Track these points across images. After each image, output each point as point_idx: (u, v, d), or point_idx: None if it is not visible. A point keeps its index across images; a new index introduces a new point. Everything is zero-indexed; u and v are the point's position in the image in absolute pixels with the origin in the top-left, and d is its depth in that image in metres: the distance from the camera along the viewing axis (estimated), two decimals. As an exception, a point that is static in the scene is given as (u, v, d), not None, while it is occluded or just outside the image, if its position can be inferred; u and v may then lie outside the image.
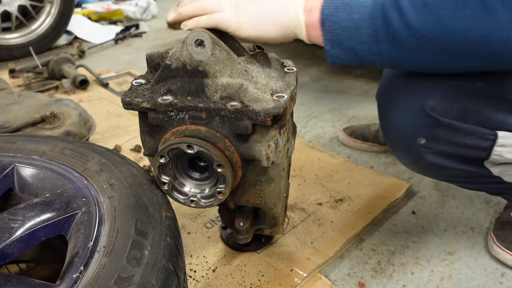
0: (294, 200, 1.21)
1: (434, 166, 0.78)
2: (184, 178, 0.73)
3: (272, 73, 0.73)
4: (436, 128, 0.73)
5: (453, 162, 0.77)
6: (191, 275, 0.96)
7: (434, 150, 0.75)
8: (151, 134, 0.73)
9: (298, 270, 0.96)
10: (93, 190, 0.68)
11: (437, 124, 0.72)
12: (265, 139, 0.68)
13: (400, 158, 0.87)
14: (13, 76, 2.09)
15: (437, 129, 0.73)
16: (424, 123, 0.73)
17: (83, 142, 0.81)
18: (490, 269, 1.00)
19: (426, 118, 0.73)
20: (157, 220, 0.62)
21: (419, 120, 0.74)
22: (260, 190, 0.78)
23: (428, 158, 0.77)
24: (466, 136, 0.72)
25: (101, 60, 2.61)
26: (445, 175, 0.84)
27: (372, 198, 1.22)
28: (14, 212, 0.62)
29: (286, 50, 2.44)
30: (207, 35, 0.64)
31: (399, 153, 0.85)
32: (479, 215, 1.18)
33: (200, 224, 1.12)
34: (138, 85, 0.73)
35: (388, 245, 1.08)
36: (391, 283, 0.97)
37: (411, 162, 0.84)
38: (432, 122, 0.72)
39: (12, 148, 0.77)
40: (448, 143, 0.74)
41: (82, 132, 1.38)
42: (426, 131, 0.74)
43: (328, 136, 1.62)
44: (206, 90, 0.68)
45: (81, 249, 0.58)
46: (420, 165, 0.82)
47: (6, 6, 2.51)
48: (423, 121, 0.73)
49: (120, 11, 3.56)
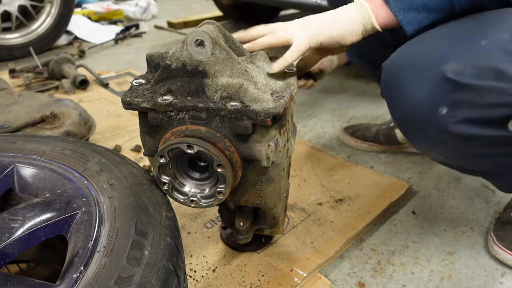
0: (294, 200, 1.21)
1: (460, 138, 0.74)
2: (184, 178, 0.73)
3: (272, 73, 0.73)
4: (456, 92, 0.70)
5: (479, 128, 0.72)
6: (191, 275, 0.96)
7: (458, 118, 0.71)
8: (151, 134, 0.73)
9: (298, 270, 0.96)
10: (93, 190, 0.68)
11: (456, 87, 0.70)
12: (265, 139, 0.68)
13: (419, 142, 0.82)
14: (13, 76, 2.09)
15: (458, 93, 0.70)
16: (443, 89, 0.71)
17: (83, 142, 0.81)
18: (490, 269, 1.00)
19: (444, 83, 0.70)
20: (157, 220, 0.62)
21: (437, 88, 0.71)
22: (260, 190, 0.78)
23: (453, 129, 0.72)
24: (486, 95, 0.69)
25: (101, 60, 2.61)
26: (471, 151, 0.78)
27: (372, 198, 1.22)
28: (14, 212, 0.62)
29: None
30: (207, 35, 0.64)
31: (418, 136, 0.81)
32: (479, 215, 1.18)
33: (200, 224, 1.12)
34: (138, 85, 0.73)
35: (388, 245, 1.08)
36: (391, 283, 0.97)
37: (433, 143, 0.79)
38: (451, 87, 0.70)
39: (12, 148, 0.77)
40: (471, 106, 0.70)
41: (82, 132, 1.38)
42: (447, 97, 0.71)
43: (328, 136, 1.62)
44: (206, 90, 0.68)
45: (81, 249, 0.58)
46: (443, 144, 0.77)
47: (6, 6, 2.51)
48: (442, 87, 0.71)
49: (120, 11, 3.56)
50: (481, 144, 0.75)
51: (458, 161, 0.84)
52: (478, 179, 1.33)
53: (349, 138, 1.53)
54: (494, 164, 0.82)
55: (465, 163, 0.84)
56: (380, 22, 0.75)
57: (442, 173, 1.37)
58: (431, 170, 1.39)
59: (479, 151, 0.78)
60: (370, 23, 0.76)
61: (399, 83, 0.78)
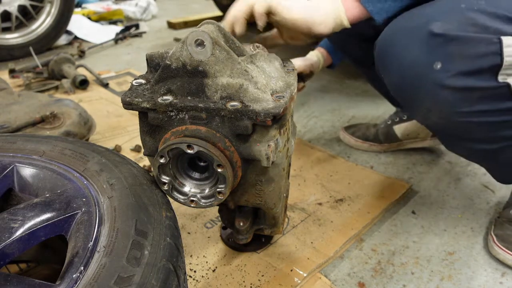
0: (294, 200, 1.21)
1: (456, 92, 0.77)
2: (184, 178, 0.73)
3: (272, 73, 0.73)
4: (447, 45, 0.75)
5: (473, 80, 0.76)
6: (191, 275, 0.96)
7: (452, 71, 0.76)
8: (151, 134, 0.73)
9: (298, 270, 0.96)
10: (93, 190, 0.68)
11: (446, 41, 0.74)
12: (265, 139, 0.68)
13: (417, 106, 0.84)
14: (13, 76, 2.09)
15: (448, 46, 0.75)
16: (434, 44, 0.76)
17: (83, 142, 0.81)
18: (490, 269, 1.00)
19: (435, 39, 0.75)
20: (157, 220, 0.62)
21: (429, 44, 0.76)
22: (260, 190, 0.78)
23: (449, 83, 0.76)
24: (476, 45, 0.74)
25: (101, 60, 2.61)
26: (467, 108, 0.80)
27: (372, 198, 1.22)
28: (14, 212, 0.62)
29: (286, 50, 2.44)
30: (207, 35, 0.64)
31: (416, 99, 0.83)
32: (479, 215, 1.18)
33: (200, 224, 1.12)
34: (138, 85, 0.73)
35: (388, 245, 1.08)
36: (391, 283, 0.97)
37: (431, 104, 0.81)
38: (442, 41, 0.75)
39: (12, 148, 0.77)
40: (462, 58, 0.75)
41: (82, 132, 1.38)
42: (439, 52, 0.76)
43: (328, 136, 1.62)
44: (206, 90, 0.68)
45: (81, 249, 0.58)
46: (440, 104, 0.80)
47: (6, 6, 2.51)
48: (432, 43, 0.75)
49: (120, 11, 3.56)
50: (476, 99, 0.78)
51: (456, 125, 0.85)
52: (478, 179, 1.33)
53: (349, 137, 1.53)
54: (489, 133, 0.84)
55: (462, 128, 0.85)
56: (350, 15, 0.80)
57: (442, 173, 1.38)
58: (431, 170, 1.39)
59: (475, 108, 0.80)
60: (340, 18, 0.80)
61: (392, 50, 0.82)
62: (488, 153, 0.90)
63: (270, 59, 0.75)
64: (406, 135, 1.45)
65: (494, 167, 0.99)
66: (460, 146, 0.92)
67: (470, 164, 1.41)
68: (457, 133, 0.87)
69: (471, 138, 0.87)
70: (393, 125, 1.46)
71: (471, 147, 0.89)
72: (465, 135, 0.87)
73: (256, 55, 0.72)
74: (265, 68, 0.72)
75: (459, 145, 0.92)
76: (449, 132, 0.89)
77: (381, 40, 0.87)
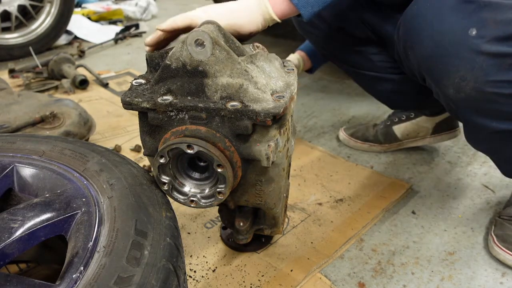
0: (294, 200, 1.21)
1: (491, 58, 0.78)
2: (184, 178, 0.73)
3: (272, 73, 0.73)
4: (480, 11, 0.76)
5: (508, 46, 0.77)
6: (191, 275, 0.96)
7: (487, 37, 0.77)
8: (151, 134, 0.73)
9: (298, 270, 0.96)
10: (93, 190, 0.68)
11: (480, 7, 0.76)
12: (265, 139, 0.68)
13: (451, 74, 0.84)
14: (13, 76, 2.09)
15: (482, 12, 0.76)
16: (468, 10, 0.77)
17: (83, 142, 0.81)
18: (491, 269, 1.00)
19: (468, 5, 0.77)
20: (157, 220, 0.62)
21: (462, 11, 0.78)
22: (260, 190, 0.78)
23: (484, 49, 0.78)
24: (508, 11, 0.75)
25: (101, 60, 2.61)
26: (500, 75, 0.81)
27: (372, 198, 1.22)
28: (14, 212, 0.62)
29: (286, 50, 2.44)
30: (207, 35, 0.64)
31: (450, 67, 0.84)
32: (479, 215, 1.18)
33: (200, 224, 1.11)
34: (138, 85, 0.73)
35: (388, 245, 1.08)
36: (391, 283, 0.97)
37: (466, 69, 0.82)
38: (475, 7, 0.77)
39: (12, 148, 0.77)
40: (496, 23, 0.76)
41: (82, 132, 1.38)
42: (473, 18, 0.77)
43: (328, 136, 1.62)
44: (206, 90, 0.68)
45: (81, 249, 0.58)
46: (476, 69, 0.81)
47: (6, 6, 2.51)
48: (466, 9, 0.77)
49: (120, 11, 3.56)
50: (509, 66, 0.79)
51: (487, 97, 0.84)
52: (478, 179, 1.33)
53: (349, 139, 1.53)
54: None
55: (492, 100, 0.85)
56: (277, 11, 0.80)
57: (442, 173, 1.38)
58: (431, 170, 1.39)
59: (507, 77, 0.81)
60: (268, 13, 0.80)
61: (423, 20, 0.84)
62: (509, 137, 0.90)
63: (270, 59, 0.75)
64: (406, 135, 1.45)
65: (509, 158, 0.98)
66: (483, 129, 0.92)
67: (470, 164, 1.41)
68: (485, 108, 0.87)
69: (497, 114, 0.87)
70: (392, 126, 1.46)
71: (495, 127, 0.89)
72: (493, 111, 0.87)
73: (256, 55, 0.72)
74: (265, 68, 0.72)
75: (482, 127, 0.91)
76: (478, 108, 0.89)
77: (409, 13, 0.87)
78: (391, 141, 1.47)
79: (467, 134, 1.00)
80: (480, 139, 0.98)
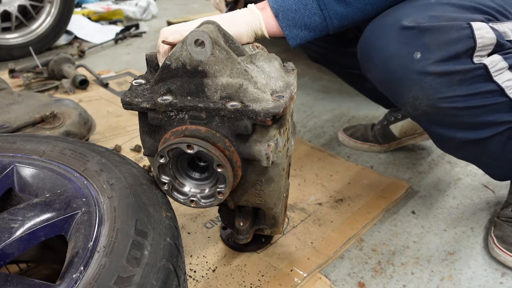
0: (294, 200, 1.21)
1: (439, 77, 0.81)
2: (184, 178, 0.73)
3: (272, 73, 0.73)
4: (422, 36, 0.80)
5: (453, 64, 0.80)
6: (191, 275, 0.96)
7: (432, 59, 0.80)
8: (151, 134, 0.73)
9: (298, 270, 0.96)
10: (93, 190, 0.68)
11: (420, 31, 0.80)
12: (265, 139, 0.68)
13: (405, 95, 0.87)
14: (13, 76, 2.09)
15: (424, 37, 0.80)
16: (410, 36, 0.81)
17: (83, 142, 0.81)
18: (491, 269, 1.00)
19: (409, 32, 0.81)
20: (157, 220, 0.62)
21: (405, 37, 0.81)
22: (260, 190, 0.78)
23: (430, 69, 0.80)
24: (448, 32, 0.79)
25: (101, 60, 2.61)
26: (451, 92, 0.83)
27: (372, 198, 1.22)
28: (14, 212, 0.62)
29: (286, 50, 2.44)
30: (207, 35, 0.64)
31: (402, 88, 0.86)
32: (479, 215, 1.18)
33: (200, 224, 1.12)
34: (138, 85, 0.73)
35: (388, 245, 1.08)
36: (391, 283, 0.97)
37: (417, 91, 0.84)
38: (416, 32, 0.80)
39: (12, 148, 0.77)
40: (439, 45, 0.80)
41: (82, 132, 1.38)
42: (416, 43, 0.81)
43: (328, 136, 1.62)
44: (206, 90, 0.68)
45: (81, 249, 0.58)
46: (425, 90, 0.83)
47: (6, 6, 2.51)
48: (408, 35, 0.81)
49: (120, 11, 3.56)
50: (457, 82, 0.82)
51: (443, 112, 0.87)
52: (478, 179, 1.33)
53: (348, 139, 1.53)
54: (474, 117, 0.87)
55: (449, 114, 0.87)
56: (270, 31, 0.84)
57: (442, 173, 1.38)
58: (431, 170, 1.39)
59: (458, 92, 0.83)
60: (261, 30, 0.83)
61: (373, 46, 0.88)
62: (478, 145, 0.91)
63: (269, 59, 0.75)
64: (404, 132, 1.45)
65: (488, 163, 0.99)
66: (450, 140, 0.93)
67: (470, 164, 1.41)
68: (445, 121, 0.89)
69: (459, 125, 0.89)
70: (389, 125, 1.46)
71: (461, 137, 0.91)
72: (453, 123, 0.89)
73: (255, 55, 0.72)
74: (265, 68, 0.72)
75: (449, 138, 0.93)
76: (438, 121, 0.91)
77: (362, 40, 0.91)
78: (389, 140, 1.47)
79: (439, 145, 1.01)
80: (453, 148, 0.99)
